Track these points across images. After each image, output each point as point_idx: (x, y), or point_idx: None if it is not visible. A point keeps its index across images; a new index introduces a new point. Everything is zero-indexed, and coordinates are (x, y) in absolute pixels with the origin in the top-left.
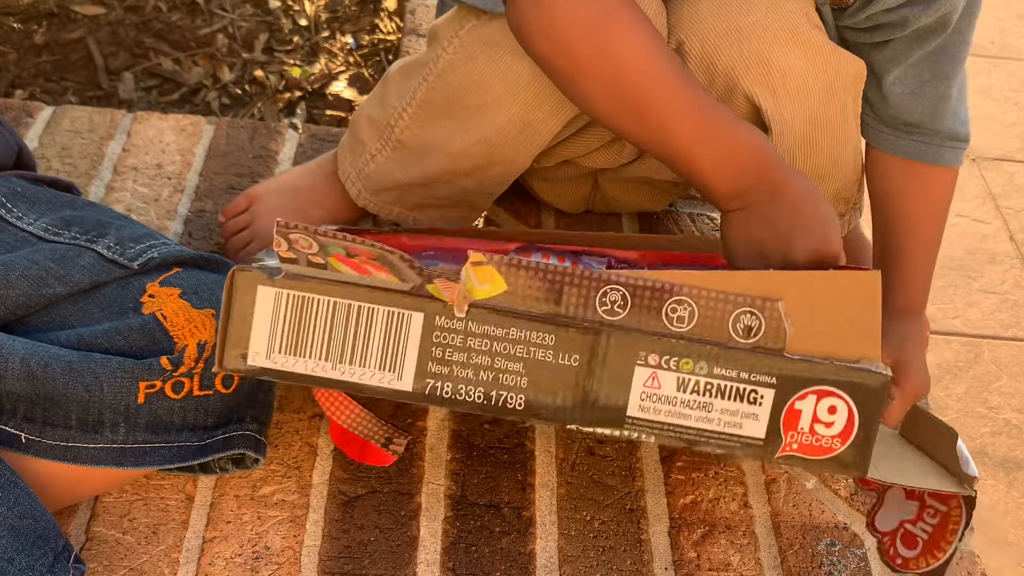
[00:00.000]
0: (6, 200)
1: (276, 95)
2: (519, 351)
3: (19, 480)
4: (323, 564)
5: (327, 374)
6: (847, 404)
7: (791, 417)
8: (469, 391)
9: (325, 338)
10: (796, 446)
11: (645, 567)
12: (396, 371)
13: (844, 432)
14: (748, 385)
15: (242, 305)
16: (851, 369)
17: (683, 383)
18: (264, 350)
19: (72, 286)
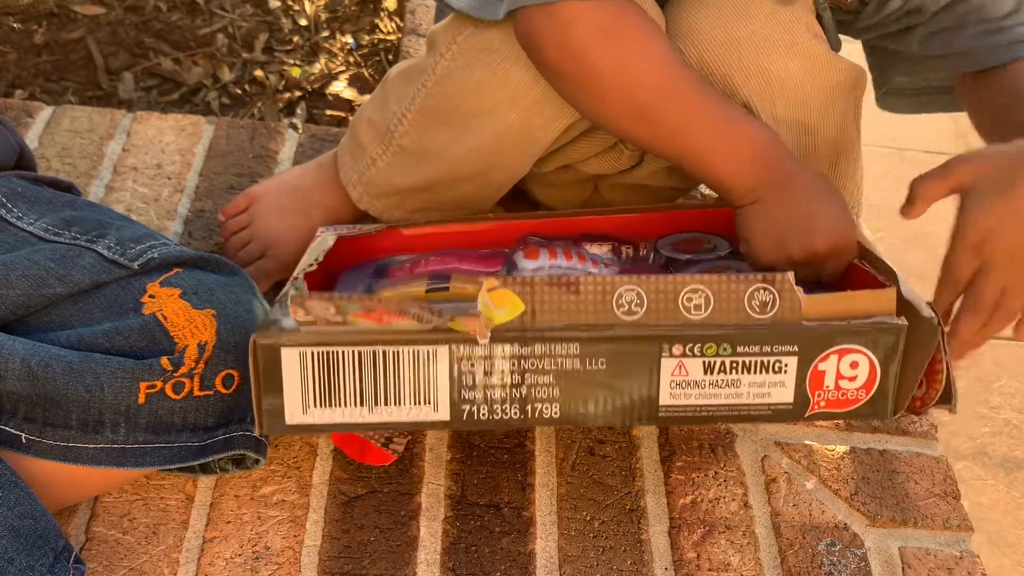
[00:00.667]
0: (6, 200)
1: (276, 95)
2: (546, 364)
3: (19, 480)
4: (323, 564)
5: (365, 419)
6: (868, 357)
7: (816, 378)
8: (504, 409)
9: (356, 386)
10: (824, 403)
11: (645, 567)
12: (432, 404)
13: (867, 383)
14: (771, 357)
15: (268, 370)
16: (868, 325)
17: (709, 366)
18: (299, 408)
19: (72, 286)
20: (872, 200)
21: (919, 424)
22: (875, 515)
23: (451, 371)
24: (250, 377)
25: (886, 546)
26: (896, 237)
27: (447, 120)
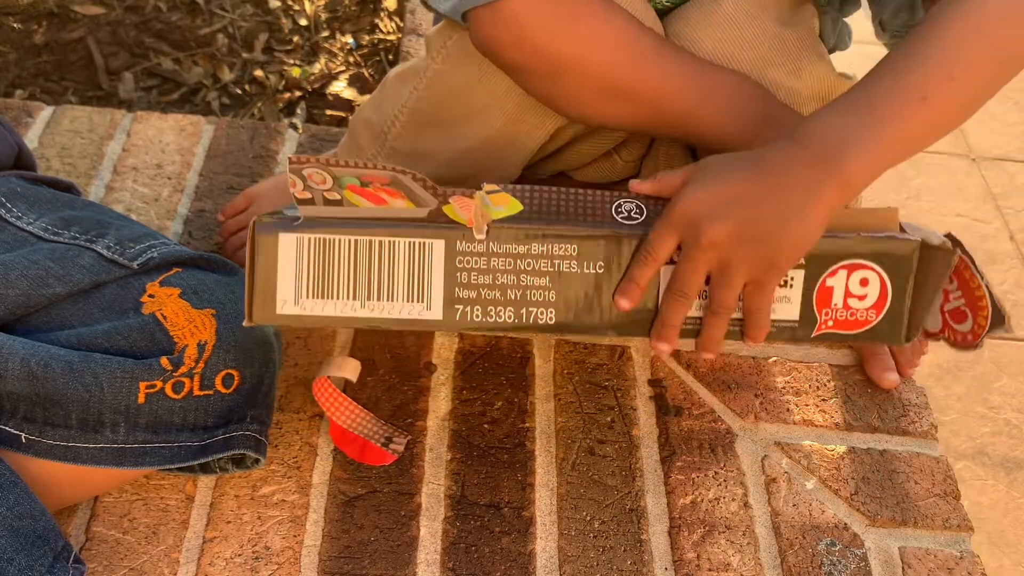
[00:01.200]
0: (6, 200)
1: (276, 95)
2: (543, 265)
3: (19, 480)
4: (323, 564)
5: (357, 313)
6: (878, 275)
7: (823, 295)
8: (499, 311)
9: (350, 277)
10: (832, 323)
11: (645, 567)
12: (424, 301)
13: (878, 303)
14: None
15: (265, 256)
16: (878, 239)
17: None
18: (292, 297)
19: (72, 286)
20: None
21: (919, 424)
22: (875, 515)
23: (447, 267)
24: (246, 263)
25: (886, 546)
26: None
27: (437, 123)
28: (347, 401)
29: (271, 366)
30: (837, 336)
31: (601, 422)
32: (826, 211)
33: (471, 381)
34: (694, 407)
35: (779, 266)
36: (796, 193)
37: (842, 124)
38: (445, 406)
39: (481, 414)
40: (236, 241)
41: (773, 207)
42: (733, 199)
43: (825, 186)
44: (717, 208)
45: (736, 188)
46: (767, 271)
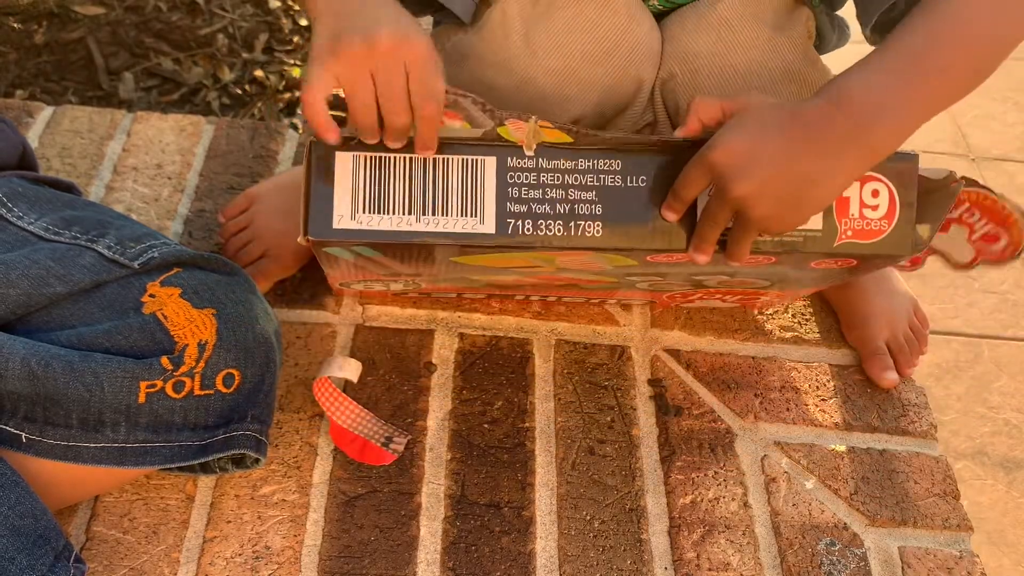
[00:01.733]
0: (7, 200)
1: (276, 95)
2: (589, 180)
3: (20, 479)
4: (323, 564)
5: (412, 227)
6: (887, 186)
7: (841, 204)
8: (548, 225)
9: (406, 193)
10: (850, 232)
11: (645, 567)
12: (478, 215)
13: (889, 213)
14: None
15: (321, 173)
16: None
17: None
18: (348, 212)
19: (72, 285)
20: None
21: (919, 424)
22: (875, 515)
23: (498, 181)
24: (303, 180)
25: (886, 546)
26: None
27: None
28: (347, 401)
29: (272, 366)
30: (855, 246)
31: (601, 422)
32: (850, 180)
33: (471, 381)
34: (694, 407)
35: (794, 221)
36: (824, 160)
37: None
38: (445, 406)
39: (481, 414)
40: (237, 242)
41: (801, 170)
42: (764, 157)
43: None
44: (747, 165)
45: (768, 146)
46: (782, 223)
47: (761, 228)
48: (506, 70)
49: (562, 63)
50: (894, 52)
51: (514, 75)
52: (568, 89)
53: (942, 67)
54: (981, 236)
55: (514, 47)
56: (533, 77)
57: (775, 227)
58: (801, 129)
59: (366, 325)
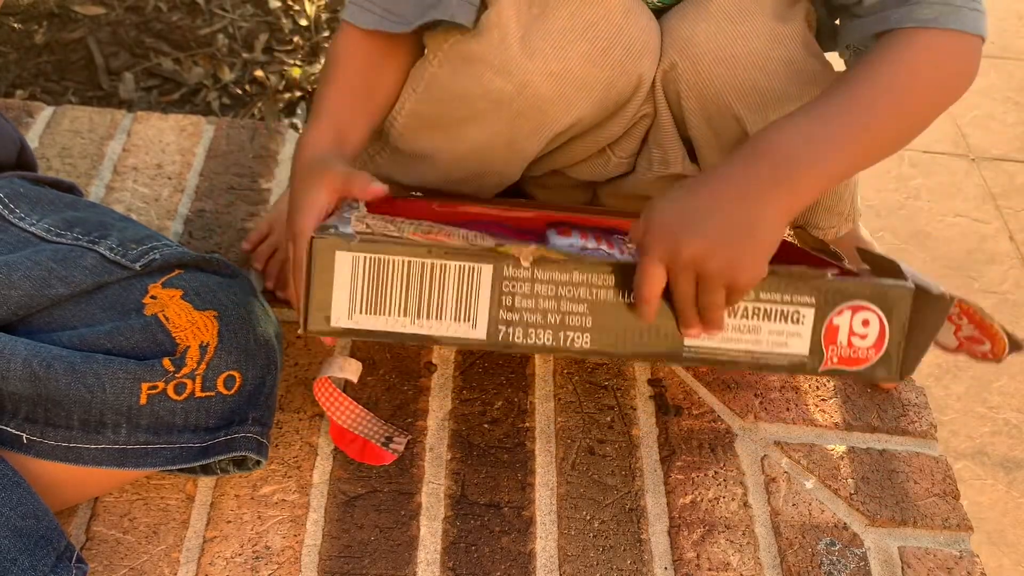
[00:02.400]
0: (8, 201)
1: (276, 95)
2: (582, 293)
3: (21, 480)
4: (323, 564)
5: (406, 329)
6: (878, 316)
7: (831, 332)
8: (538, 334)
9: (402, 296)
10: (836, 359)
11: (645, 567)
12: (470, 321)
13: (877, 342)
14: (790, 306)
15: (322, 270)
16: (879, 284)
17: (732, 310)
18: (346, 311)
19: (74, 287)
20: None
21: (918, 424)
22: (874, 515)
23: (493, 291)
24: (303, 276)
25: (885, 546)
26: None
27: (437, 125)
28: (347, 401)
29: (273, 368)
30: (841, 372)
31: (601, 422)
32: (783, 219)
33: (471, 381)
34: (694, 407)
35: (753, 268)
36: (754, 205)
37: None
38: (445, 406)
39: (481, 414)
40: (275, 263)
41: (735, 217)
42: (698, 213)
43: (778, 197)
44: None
45: (699, 203)
46: (742, 270)
47: (726, 282)
48: (505, 72)
49: (561, 66)
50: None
51: (513, 78)
52: (568, 91)
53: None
54: (967, 337)
55: (511, 50)
56: (532, 80)
57: (738, 276)
58: (725, 181)
59: None
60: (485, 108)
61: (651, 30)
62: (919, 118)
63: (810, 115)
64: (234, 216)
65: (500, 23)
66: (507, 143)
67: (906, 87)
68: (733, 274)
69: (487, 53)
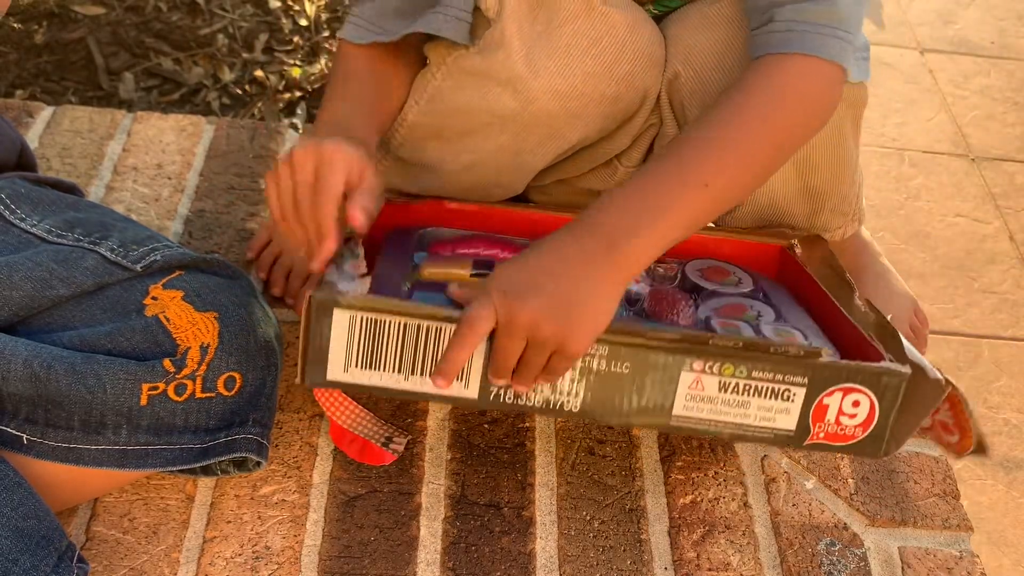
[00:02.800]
0: (9, 201)
1: (276, 95)
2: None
3: (23, 481)
4: (323, 564)
5: (399, 385)
6: (869, 399)
7: (819, 411)
8: (530, 396)
9: (397, 354)
10: (823, 435)
11: (645, 567)
12: (463, 381)
13: (866, 422)
14: (782, 385)
15: (319, 326)
16: (875, 369)
17: (724, 385)
18: (341, 366)
19: (75, 287)
20: (872, 200)
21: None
22: (875, 515)
23: (486, 353)
24: (300, 331)
25: (886, 546)
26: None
27: (440, 136)
28: (347, 401)
29: (273, 369)
30: (825, 447)
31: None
32: (617, 286)
33: None
34: None
35: (579, 338)
36: (590, 269)
37: (623, 213)
38: (445, 406)
39: (481, 414)
40: (279, 269)
41: (574, 283)
42: (543, 280)
43: (612, 265)
44: (525, 292)
45: (538, 270)
46: (567, 340)
47: (554, 349)
48: (510, 89)
49: (566, 83)
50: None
51: (519, 95)
52: (574, 107)
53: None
54: (942, 421)
55: (516, 67)
56: (537, 97)
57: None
58: (565, 252)
59: None
60: (489, 122)
61: (656, 42)
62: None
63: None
64: (234, 216)
65: (504, 41)
66: (513, 155)
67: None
68: (561, 343)
69: (491, 69)
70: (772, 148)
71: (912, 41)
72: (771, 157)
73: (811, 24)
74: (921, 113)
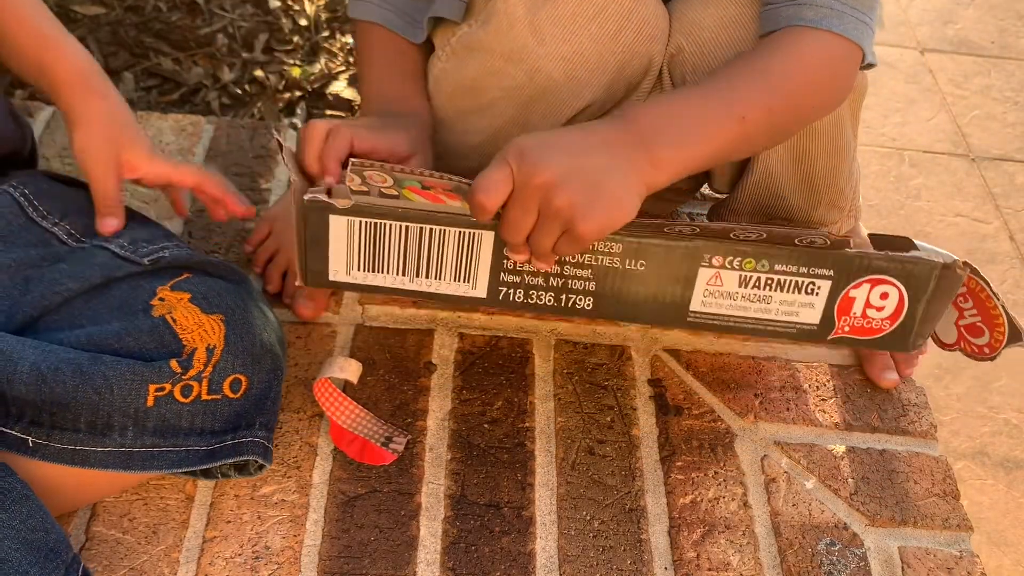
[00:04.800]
0: (33, 198)
1: (276, 95)
2: (587, 259)
3: (30, 493)
4: (323, 564)
5: (405, 286)
6: (899, 289)
7: (845, 304)
8: (540, 295)
9: (400, 257)
10: (848, 328)
11: (645, 567)
12: (471, 282)
13: (894, 314)
14: (807, 279)
15: (316, 232)
16: (904, 259)
17: (745, 280)
18: (343, 268)
19: (83, 282)
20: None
21: (919, 424)
22: (875, 515)
23: (494, 255)
24: (295, 236)
25: (885, 546)
26: None
27: (448, 118)
28: (347, 401)
29: (279, 373)
30: (850, 341)
31: (601, 422)
32: (640, 184)
33: (471, 381)
34: (694, 407)
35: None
36: (613, 158)
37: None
38: (445, 406)
39: (481, 414)
40: (274, 267)
41: (593, 163)
42: (559, 149)
43: (640, 162)
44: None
45: (562, 141)
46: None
47: (564, 224)
48: (515, 60)
49: (571, 49)
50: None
51: (524, 64)
52: (579, 74)
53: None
54: (968, 325)
55: (520, 36)
56: (543, 65)
57: (577, 222)
58: (591, 133)
59: (366, 325)
60: (496, 97)
61: (660, 14)
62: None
63: (687, 95)
64: None
65: (508, 11)
66: (520, 129)
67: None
68: (573, 218)
69: (495, 41)
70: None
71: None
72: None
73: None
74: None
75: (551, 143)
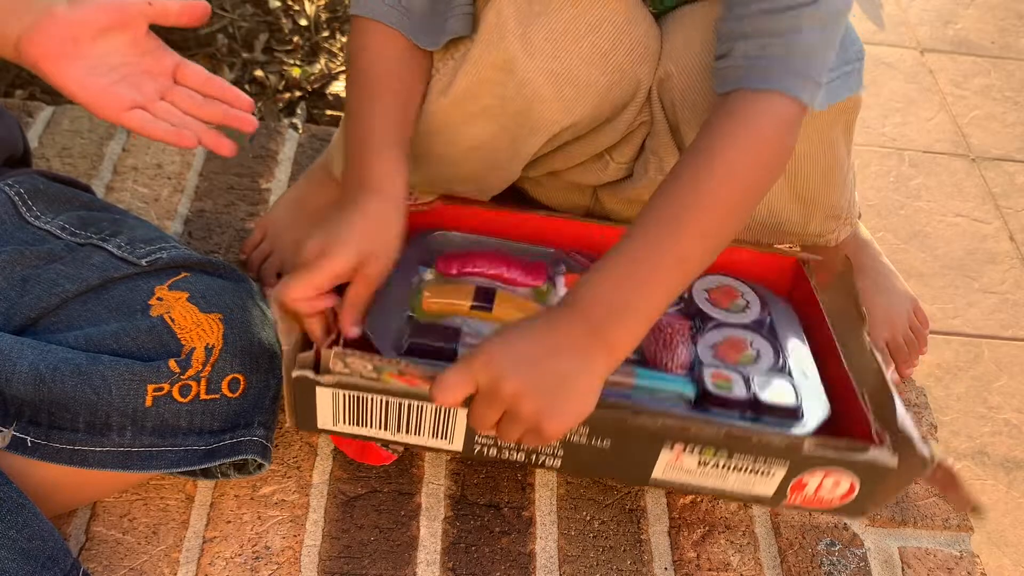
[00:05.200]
0: (27, 197)
1: (276, 95)
2: None
3: (26, 501)
4: (323, 564)
5: (389, 437)
6: (851, 480)
7: (798, 485)
8: (511, 453)
9: (383, 418)
10: (799, 501)
11: (645, 567)
12: (448, 439)
13: (845, 495)
14: (763, 466)
15: (304, 398)
16: (862, 456)
17: (704, 462)
18: (331, 422)
19: (81, 283)
20: (872, 200)
21: (919, 424)
22: (874, 515)
23: (468, 425)
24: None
25: (886, 546)
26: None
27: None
28: None
29: (277, 372)
30: (803, 508)
31: None
32: (602, 376)
33: None
34: None
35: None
36: (577, 357)
37: (614, 293)
38: None
39: None
40: (269, 268)
41: (555, 367)
42: (529, 357)
43: (598, 353)
44: (513, 364)
45: (529, 345)
46: (546, 421)
47: (531, 426)
48: (504, 71)
49: (560, 65)
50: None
51: (513, 76)
52: (566, 91)
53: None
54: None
55: (511, 48)
56: (531, 79)
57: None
58: (553, 330)
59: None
60: (488, 105)
61: (652, 36)
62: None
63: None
64: (234, 216)
65: (499, 22)
66: (510, 141)
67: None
68: (540, 422)
69: (485, 52)
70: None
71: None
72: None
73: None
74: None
75: (517, 351)
